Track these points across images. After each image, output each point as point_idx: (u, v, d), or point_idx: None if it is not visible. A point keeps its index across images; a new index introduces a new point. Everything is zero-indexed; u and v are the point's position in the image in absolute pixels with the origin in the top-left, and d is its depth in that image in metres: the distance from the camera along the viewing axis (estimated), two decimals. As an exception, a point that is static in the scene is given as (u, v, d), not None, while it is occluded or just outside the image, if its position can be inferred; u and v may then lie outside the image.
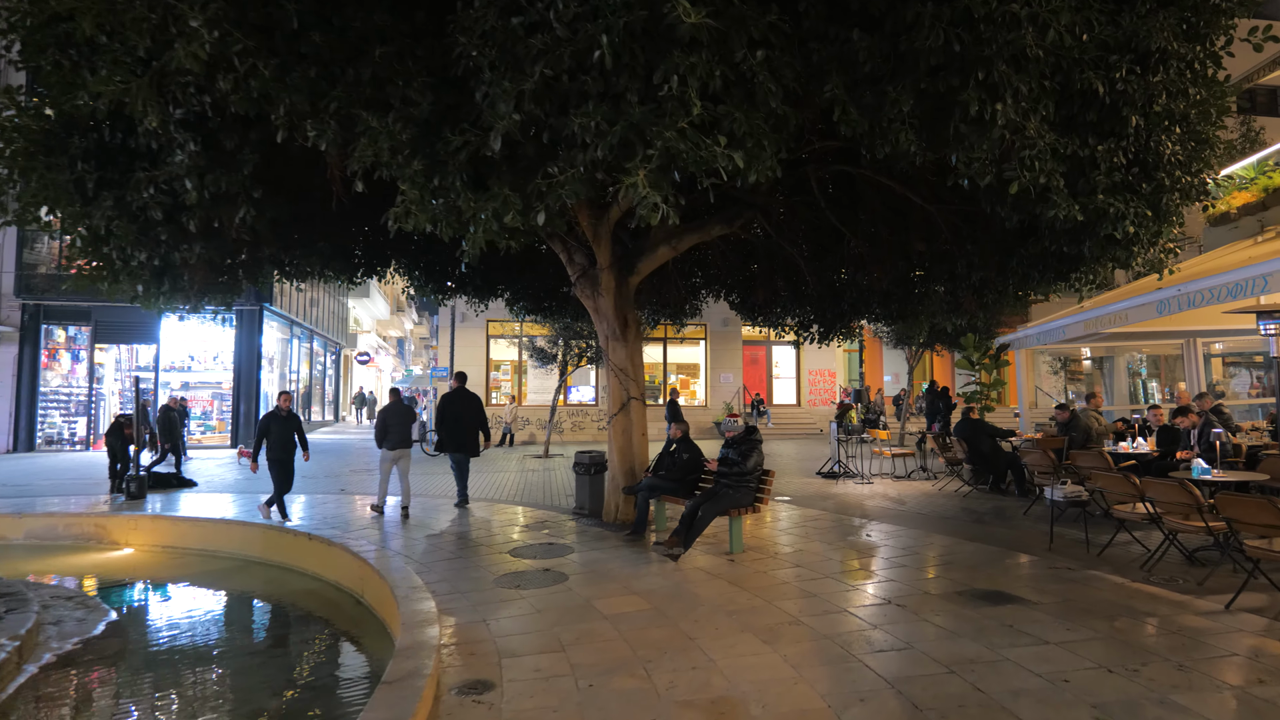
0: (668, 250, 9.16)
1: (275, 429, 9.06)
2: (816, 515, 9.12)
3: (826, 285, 11.93)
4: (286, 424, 9.17)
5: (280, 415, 9.19)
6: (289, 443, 9.13)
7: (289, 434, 9.15)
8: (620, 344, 9.11)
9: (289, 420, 9.23)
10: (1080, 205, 6.19)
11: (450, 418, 10.31)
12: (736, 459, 7.17)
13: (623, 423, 9.00)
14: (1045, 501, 8.91)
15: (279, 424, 9.11)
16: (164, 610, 7.34)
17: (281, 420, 9.16)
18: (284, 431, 9.10)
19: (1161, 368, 25.03)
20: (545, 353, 18.35)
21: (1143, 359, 24.39)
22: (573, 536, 8.10)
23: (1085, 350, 18.65)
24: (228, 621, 7.01)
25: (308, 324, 28.20)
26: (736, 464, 7.10)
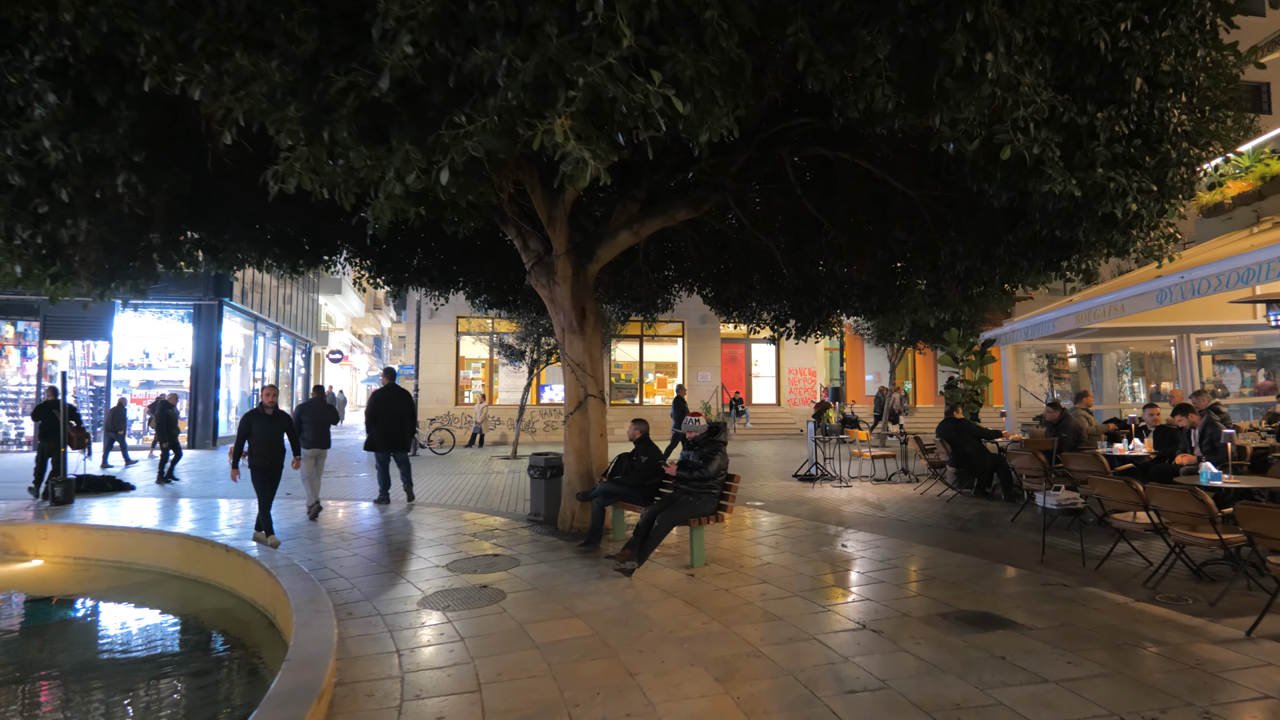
0: (629, 236, 8.47)
1: (258, 429, 7.62)
2: (789, 522, 8.44)
3: (803, 277, 11.31)
4: (273, 424, 7.73)
5: (264, 414, 7.74)
6: (276, 446, 7.72)
7: (276, 435, 7.72)
8: (577, 337, 8.40)
9: (276, 419, 7.79)
10: (1077, 180, 5.56)
11: (382, 416, 10.03)
12: (697, 462, 6.48)
13: (579, 422, 8.28)
14: (1035, 508, 8.28)
15: (263, 423, 7.67)
16: (52, 630, 6.54)
17: (266, 419, 7.71)
18: (269, 432, 7.67)
19: (1146, 366, 24.64)
20: (514, 350, 17.59)
21: (1126, 357, 23.99)
22: (522, 547, 7.37)
23: (1071, 347, 18.14)
24: (122, 645, 6.21)
25: (274, 320, 27.25)
26: (697, 468, 6.41)
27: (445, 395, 22.65)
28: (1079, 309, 8.39)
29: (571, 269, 8.36)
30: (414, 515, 9.23)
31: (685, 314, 23.81)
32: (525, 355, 17.49)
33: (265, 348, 27.20)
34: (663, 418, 23.53)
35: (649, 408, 24.09)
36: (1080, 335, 11.78)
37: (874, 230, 10.04)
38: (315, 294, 34.81)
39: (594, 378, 8.38)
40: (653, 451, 7.25)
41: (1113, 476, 5.99)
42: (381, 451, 10.04)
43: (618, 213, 8.58)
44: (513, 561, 6.78)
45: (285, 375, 30.57)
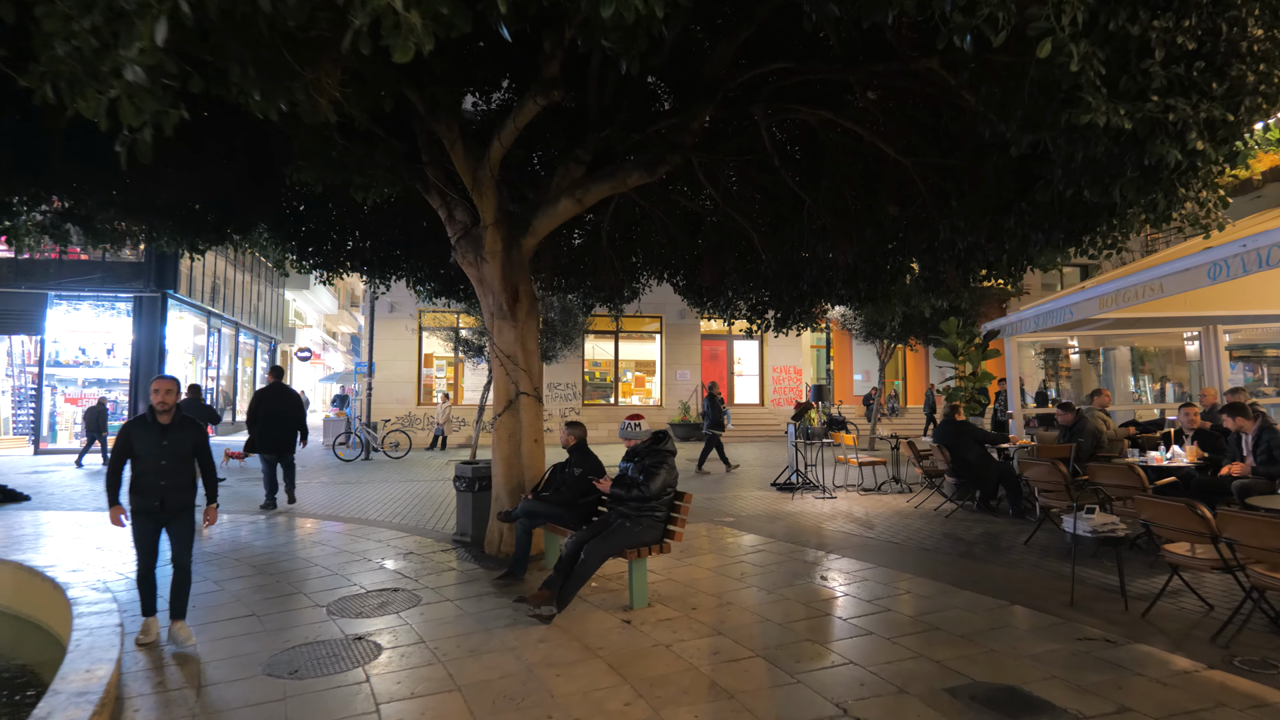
0: (572, 204, 7.12)
1: (143, 447, 4.55)
2: (761, 545, 7.10)
3: (783, 262, 10.00)
4: (170, 439, 4.60)
5: (154, 423, 4.60)
6: (177, 475, 4.61)
7: (177, 460, 4.61)
8: (508, 323, 7.03)
9: (175, 432, 4.63)
10: (1127, 112, 4.26)
11: (265, 416, 9.55)
12: (637, 478, 5.12)
13: (509, 425, 6.91)
14: (1055, 528, 6.98)
15: (149, 439, 4.56)
16: None
17: (156, 433, 4.58)
18: (164, 453, 4.57)
19: (1148, 363, 23.45)
20: (474, 345, 16.21)
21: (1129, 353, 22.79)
22: (431, 578, 6.00)
23: (1072, 341, 16.90)
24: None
25: (231, 315, 25.75)
26: (637, 485, 5.05)
27: (406, 395, 21.22)
28: (1103, 291, 7.09)
29: (502, 243, 7.00)
30: (322, 533, 7.84)
31: (663, 308, 22.47)
32: (484, 350, 16.09)
33: (222, 344, 25.68)
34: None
35: (626, 408, 22.74)
36: (1092, 327, 10.51)
37: (862, 207, 8.75)
38: (281, 289, 33.29)
39: (527, 372, 7.02)
40: (588, 462, 5.89)
41: (1167, 499, 4.67)
42: (265, 453, 9.55)
43: (559, 176, 7.23)
44: (411, 600, 5.41)
45: (245, 374, 29.06)
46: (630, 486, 5.03)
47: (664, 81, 8.32)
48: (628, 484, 5.07)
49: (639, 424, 5.14)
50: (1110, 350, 18.34)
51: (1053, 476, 6.38)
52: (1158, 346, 22.99)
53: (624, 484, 5.09)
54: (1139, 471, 5.77)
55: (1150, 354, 19.11)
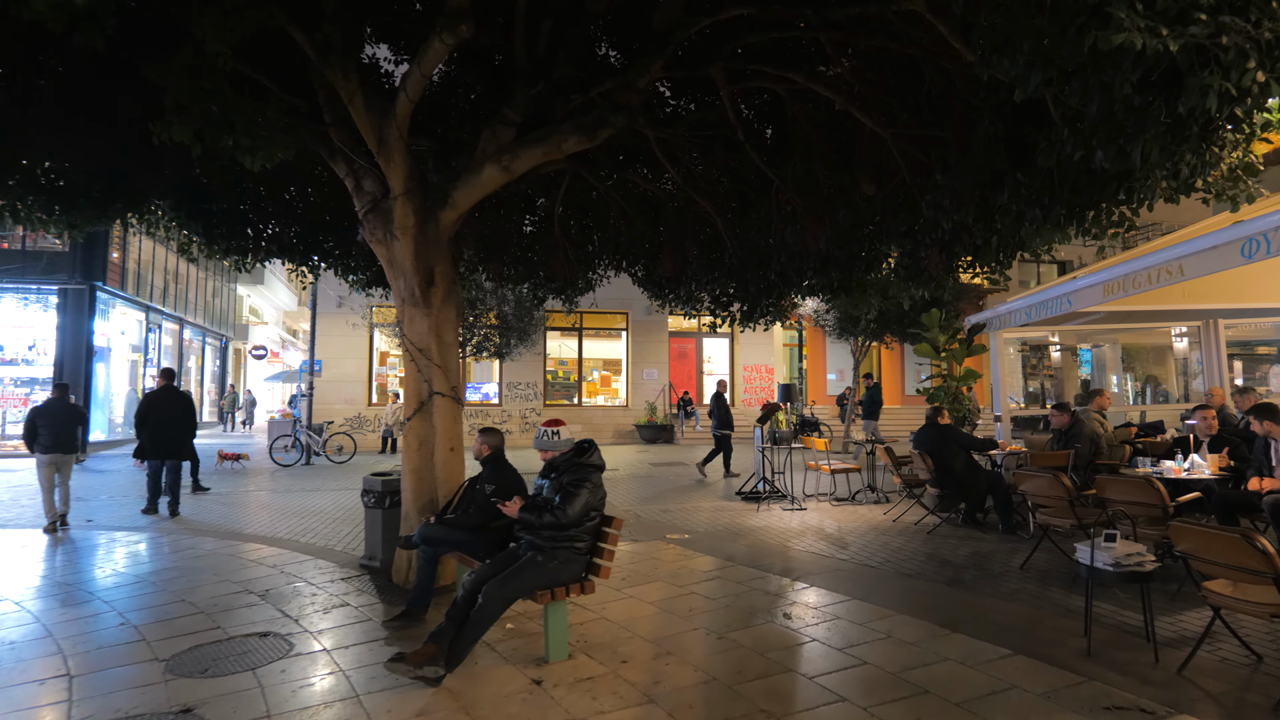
0: (498, 172, 6.08)
1: None
2: (717, 570, 6.11)
3: (750, 250, 9.07)
4: None
5: None
6: None
7: None
8: (420, 311, 5.98)
9: None
10: (1167, 36, 3.36)
11: (154, 420, 8.98)
12: (552, 500, 4.10)
13: (420, 430, 5.86)
14: (1064, 555, 6.07)
15: None
16: None
17: None
18: None
19: (1126, 360, 22.89)
20: (418, 341, 15.07)
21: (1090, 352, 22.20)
22: (315, 618, 4.94)
23: (1054, 338, 16.16)
24: None
25: (174, 310, 24.33)
26: (550, 509, 4.03)
27: (355, 395, 20.00)
28: (1109, 276, 6.19)
29: (414, 216, 5.95)
30: (206, 557, 6.72)
31: (629, 304, 21.47)
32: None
33: (162, 341, 24.25)
34: (604, 419, 21.19)
35: (590, 408, 21.72)
36: (1082, 321, 9.68)
37: (835, 187, 7.83)
38: (233, 284, 31.82)
39: (443, 368, 5.97)
40: (502, 477, 4.85)
41: (1219, 528, 3.74)
42: (152, 459, 8.99)
43: (483, 141, 6.20)
44: (279, 649, 4.35)
45: (192, 373, 27.60)
46: (542, 511, 4.00)
47: (608, 35, 7.32)
48: (539, 507, 4.04)
49: (557, 431, 4.16)
50: (1096, 348, 17.64)
51: (1054, 490, 5.46)
52: (1134, 344, 22.46)
53: (535, 507, 4.06)
54: (1158, 486, 4.86)
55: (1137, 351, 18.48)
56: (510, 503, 4.16)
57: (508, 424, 20.58)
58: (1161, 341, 19.51)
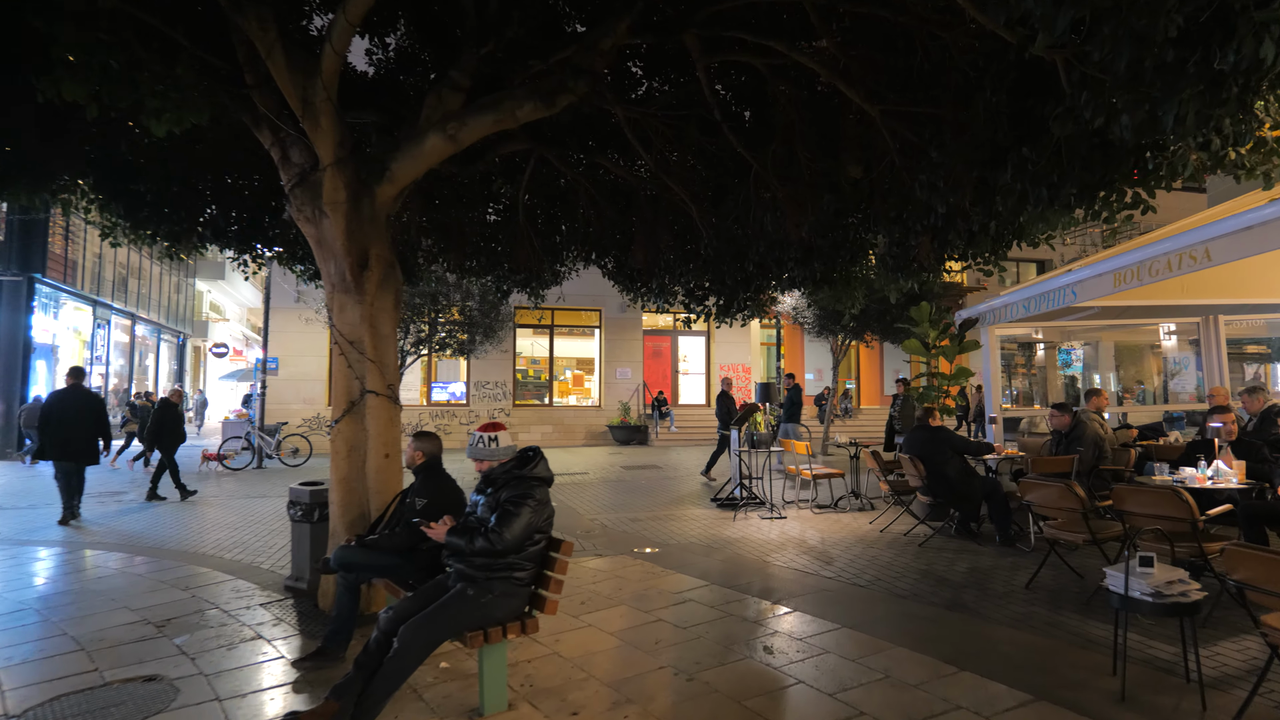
0: (443, 142, 5.37)
1: None
2: (689, 591, 5.44)
3: (727, 239, 8.45)
4: None
5: None
6: None
7: None
8: (352, 298, 5.26)
9: None
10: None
11: (57, 420, 8.37)
12: (487, 520, 3.41)
13: (350, 434, 5.13)
14: (1074, 573, 5.48)
15: None
16: None
17: None
18: None
19: (1106, 360, 22.61)
20: (377, 337, 14.26)
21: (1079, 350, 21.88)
22: (219, 655, 4.21)
23: (1037, 335, 15.72)
24: None
25: (126, 306, 23.22)
26: (483, 532, 3.32)
27: (315, 394, 19.10)
28: (1122, 264, 5.60)
29: (346, 190, 5.23)
30: (109, 577, 5.92)
31: (602, 301, 20.77)
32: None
33: (112, 338, 23.13)
34: (575, 420, 20.49)
35: (562, 408, 20.99)
36: (1078, 316, 9.16)
37: (818, 171, 7.21)
38: (191, 278, 30.66)
39: (377, 364, 5.24)
40: (439, 491, 4.14)
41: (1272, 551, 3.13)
42: (59, 462, 8.44)
43: (427, 106, 5.50)
44: (160, 699, 3.61)
45: (145, 371, 26.46)
46: (474, 534, 3.30)
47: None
48: (471, 530, 3.34)
49: (495, 438, 3.51)
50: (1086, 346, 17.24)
51: (1066, 501, 4.86)
52: (1119, 343, 22.18)
53: (466, 530, 3.36)
54: (1186, 498, 4.28)
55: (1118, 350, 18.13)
56: (437, 524, 3.45)
57: (475, 425, 19.77)
58: (1142, 340, 19.24)
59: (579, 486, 11.29)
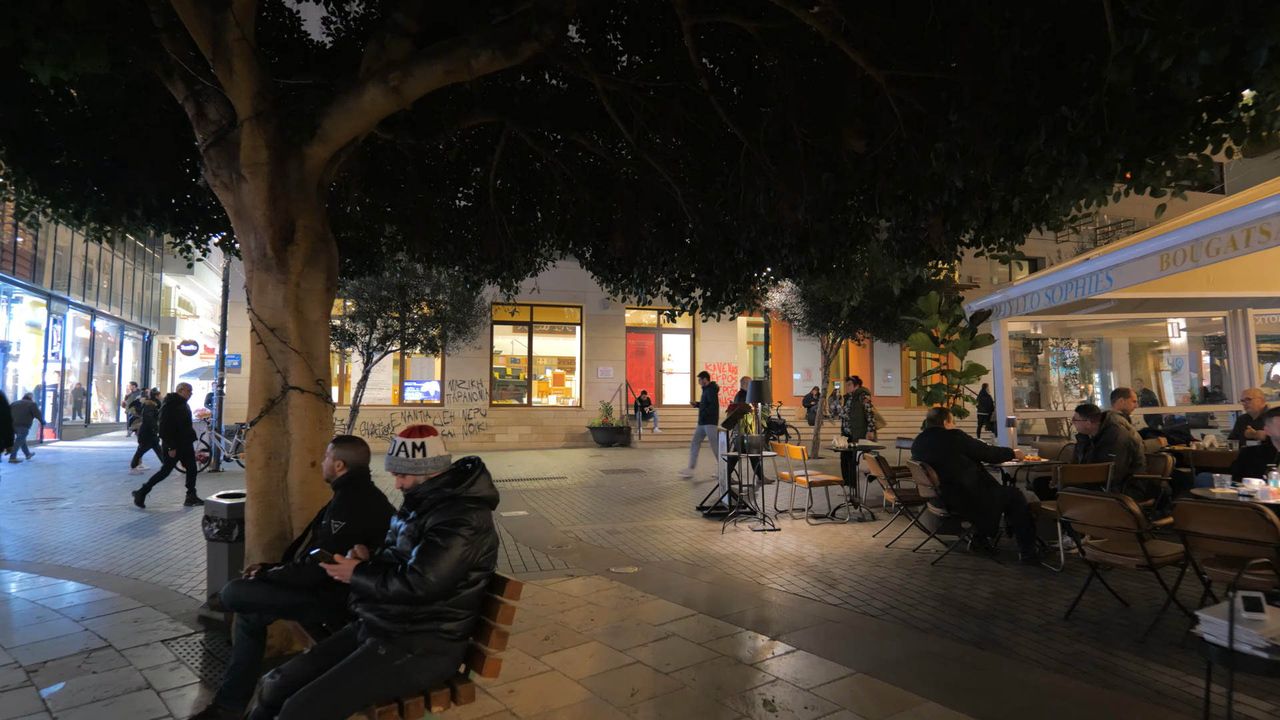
0: (384, 96, 4.56)
1: None
2: (671, 623, 4.65)
3: (714, 225, 7.71)
4: None
5: None
6: None
7: None
8: (274, 278, 4.44)
9: None
10: None
11: None
12: (405, 555, 2.60)
13: (269, 439, 4.31)
14: (1099, 581, 4.75)
15: None
16: None
17: None
18: None
19: (1100, 360, 22.06)
20: (341, 331, 13.42)
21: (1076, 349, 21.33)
22: (93, 712, 3.37)
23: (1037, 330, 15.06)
24: None
25: (84, 301, 22.14)
26: (402, 573, 2.52)
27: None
28: (1172, 243, 4.87)
29: (268, 149, 4.40)
30: (2, 600, 5.07)
31: (583, 297, 19.97)
32: (357, 338, 13.34)
33: (69, 334, 22.04)
34: (555, 421, 19.67)
35: (541, 409, 20.15)
36: (1096, 309, 8.48)
37: (815, 147, 6.46)
38: (158, 273, 29.55)
39: (305, 355, 4.42)
40: (361, 512, 3.32)
41: None
42: None
43: (367, 54, 4.69)
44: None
45: (107, 368, 25.38)
46: (387, 574, 2.50)
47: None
48: (384, 568, 2.54)
49: (421, 445, 2.81)
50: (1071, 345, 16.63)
51: (1117, 519, 4.13)
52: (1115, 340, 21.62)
53: (378, 568, 2.56)
54: (1271, 517, 3.55)
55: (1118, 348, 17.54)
56: (342, 559, 2.65)
57: (449, 425, 18.92)
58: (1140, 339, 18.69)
59: (555, 493, 10.49)
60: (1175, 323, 12.00)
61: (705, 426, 11.84)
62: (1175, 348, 10.86)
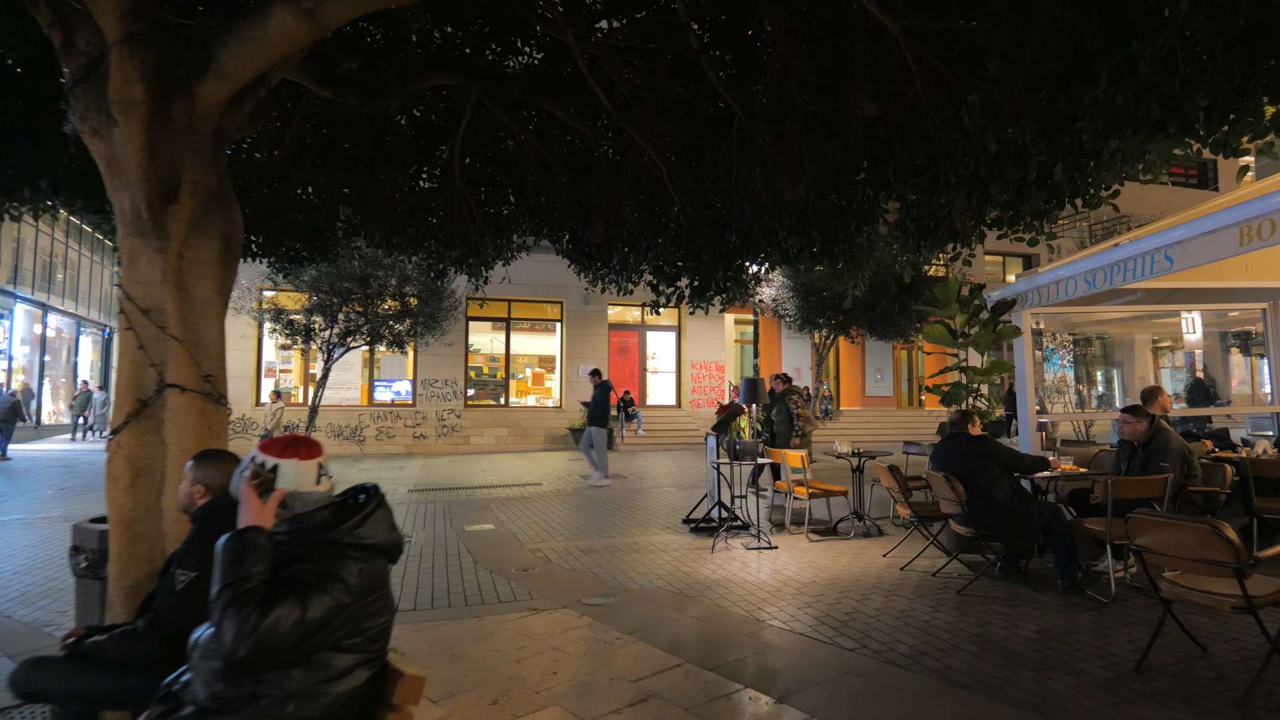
0: (295, 20, 3.64)
1: None
2: (647, 680, 3.76)
3: (702, 206, 6.87)
4: None
5: None
6: None
7: None
8: (150, 245, 3.52)
9: None
10: None
11: None
12: (219, 620, 1.68)
13: (137, 451, 3.38)
14: (1188, 638, 3.91)
15: None
16: None
17: None
18: None
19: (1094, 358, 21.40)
20: (297, 326, 12.44)
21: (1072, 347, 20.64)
22: None
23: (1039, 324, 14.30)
24: None
25: (31, 294, 20.91)
26: (214, 651, 1.61)
27: (240, 392, 17.04)
28: (1268, 209, 4.04)
29: (144, 85, 3.48)
30: None
31: (564, 292, 19.07)
32: (314, 333, 12.37)
33: (22, 329, 20.85)
34: (533, 422, 18.73)
35: (519, 409, 19.20)
36: (1123, 300, 7.70)
37: (818, 113, 5.60)
38: (119, 267, 28.21)
39: (188, 344, 3.49)
40: (200, 554, 2.40)
41: None
42: None
43: (278, -30, 3.75)
44: None
45: (61, 367, 24.16)
46: (135, 641, 1.60)
47: None
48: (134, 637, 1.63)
49: (276, 467, 2.05)
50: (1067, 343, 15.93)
51: (1209, 549, 3.29)
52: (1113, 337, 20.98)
53: (134, 642, 1.66)
54: None
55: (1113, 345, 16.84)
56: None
57: (422, 427, 17.94)
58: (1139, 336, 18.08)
59: (527, 502, 9.57)
60: (1190, 317, 11.26)
61: (592, 429, 11.03)
62: (1190, 343, 10.04)
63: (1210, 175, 25.04)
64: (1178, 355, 20.40)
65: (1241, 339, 15.62)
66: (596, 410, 10.96)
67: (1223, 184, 24.53)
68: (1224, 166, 24.55)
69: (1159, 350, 20.05)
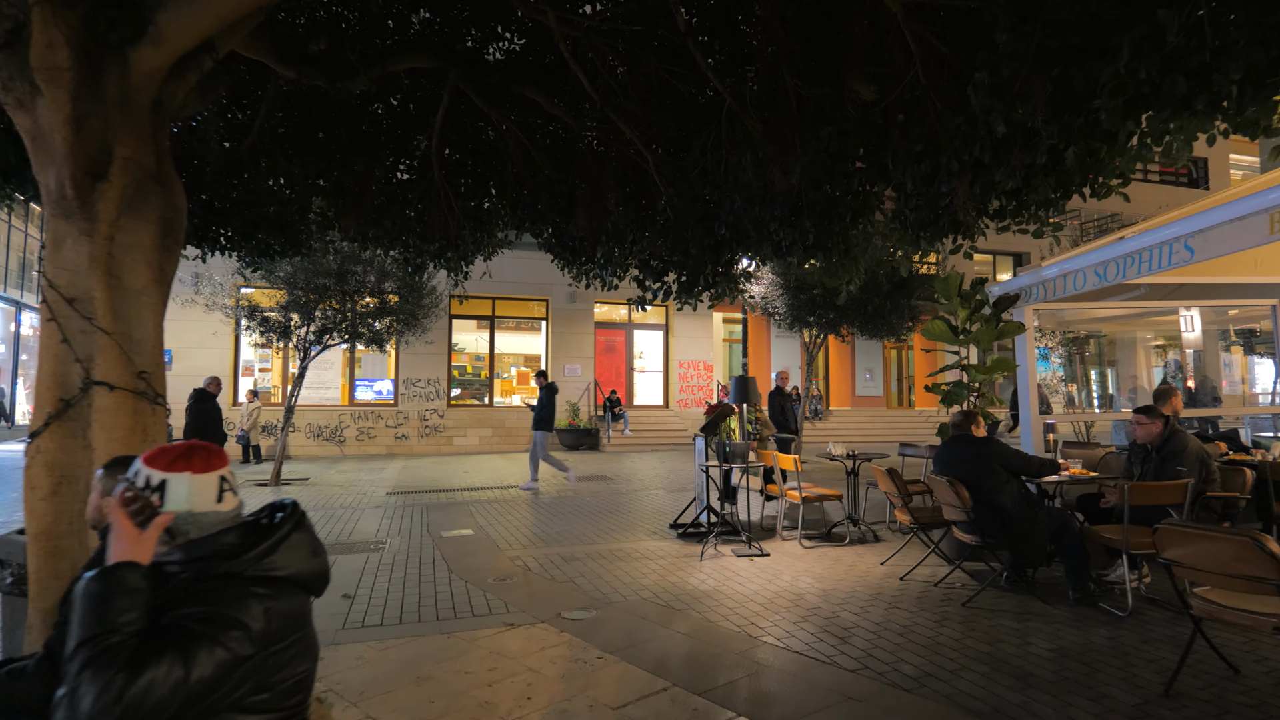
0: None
1: None
2: (630, 707, 3.43)
3: (690, 197, 6.54)
4: None
5: None
6: None
7: None
8: (76, 226, 3.15)
9: None
10: None
11: None
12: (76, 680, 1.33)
13: (59, 456, 3.01)
14: (1222, 659, 3.62)
15: None
16: None
17: None
18: None
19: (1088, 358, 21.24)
20: (272, 322, 12.05)
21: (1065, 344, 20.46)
22: None
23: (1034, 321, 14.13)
24: None
25: (5, 292, 20.38)
26: (69, 696, 1.27)
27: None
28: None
29: (70, 50, 3.11)
30: None
31: (550, 290, 18.71)
32: (290, 330, 11.97)
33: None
34: (518, 422, 18.36)
35: (504, 409, 18.83)
36: (1125, 296, 7.45)
37: (812, 98, 5.29)
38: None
39: (117, 336, 3.13)
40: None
41: None
42: None
43: (224, -72, 3.40)
44: None
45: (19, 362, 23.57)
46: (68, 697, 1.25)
47: None
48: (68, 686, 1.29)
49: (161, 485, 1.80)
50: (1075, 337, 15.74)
51: (1247, 564, 2.99)
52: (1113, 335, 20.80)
53: (20, 684, 1.33)
54: None
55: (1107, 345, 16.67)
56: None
57: (403, 427, 17.54)
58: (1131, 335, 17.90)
59: (509, 505, 9.23)
60: (1188, 315, 11.06)
61: (538, 434, 10.68)
62: (1188, 342, 9.84)
63: (1200, 175, 24.95)
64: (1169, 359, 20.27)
65: (1245, 336, 15.46)
66: (542, 414, 10.56)
67: (1214, 183, 24.45)
68: (1215, 166, 24.48)
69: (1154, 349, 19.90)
